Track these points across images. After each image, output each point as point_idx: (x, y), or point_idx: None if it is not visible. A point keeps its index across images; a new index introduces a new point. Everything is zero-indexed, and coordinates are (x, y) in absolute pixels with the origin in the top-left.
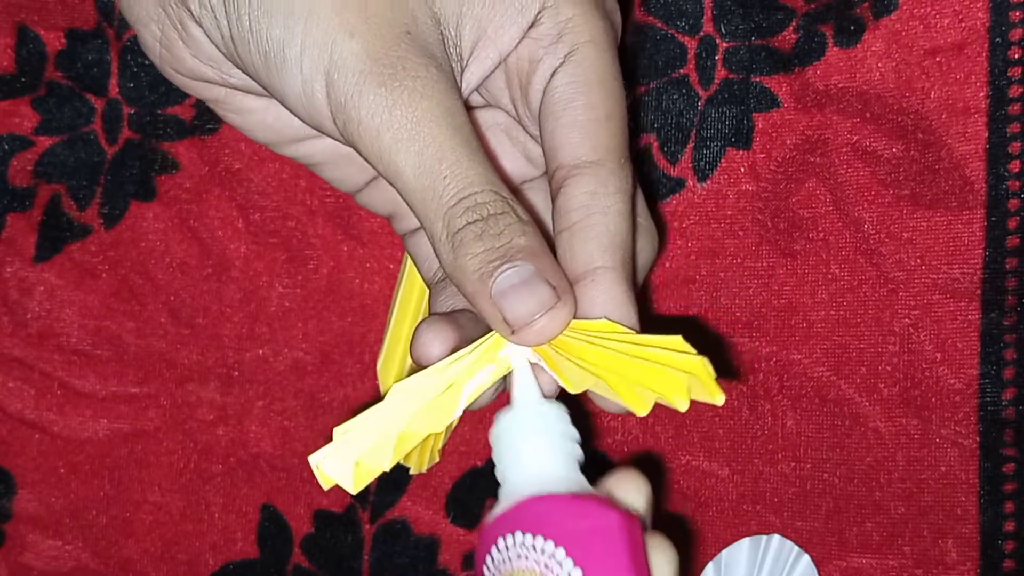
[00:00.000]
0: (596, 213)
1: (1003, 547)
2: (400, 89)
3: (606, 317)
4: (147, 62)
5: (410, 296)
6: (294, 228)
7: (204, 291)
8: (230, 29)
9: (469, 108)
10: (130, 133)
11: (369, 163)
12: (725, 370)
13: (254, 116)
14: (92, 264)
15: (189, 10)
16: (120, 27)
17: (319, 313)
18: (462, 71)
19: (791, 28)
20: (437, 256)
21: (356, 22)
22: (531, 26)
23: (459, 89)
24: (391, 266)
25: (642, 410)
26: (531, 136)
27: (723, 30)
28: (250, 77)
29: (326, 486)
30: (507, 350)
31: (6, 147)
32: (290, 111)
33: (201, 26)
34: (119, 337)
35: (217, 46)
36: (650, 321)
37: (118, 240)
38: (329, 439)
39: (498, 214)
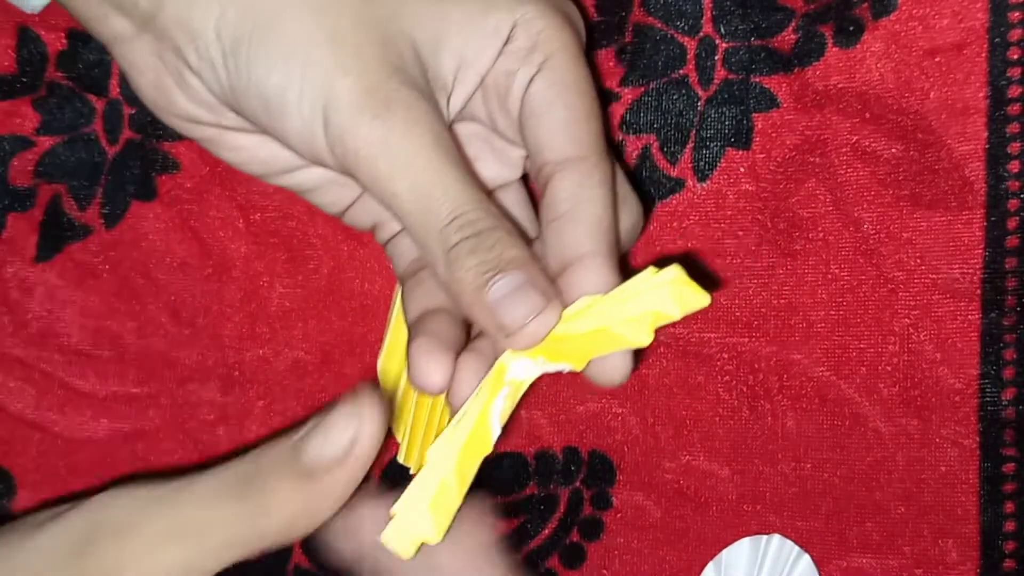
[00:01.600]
0: (583, 202)
1: (1003, 547)
2: (394, 120)
3: (585, 295)
4: None
5: None
6: (294, 228)
7: (204, 291)
8: (229, 79)
9: (451, 126)
10: (131, 133)
11: (366, 188)
12: (710, 282)
13: (247, 152)
14: (93, 264)
15: (187, 61)
16: None
17: (319, 313)
18: (448, 97)
19: (791, 28)
20: (434, 271)
21: (350, 61)
22: (505, 43)
23: (444, 116)
24: (391, 266)
25: (645, 339)
26: (508, 142)
27: (723, 30)
28: (248, 121)
29: (406, 557)
30: (513, 371)
31: (7, 147)
32: (290, 148)
33: (199, 77)
34: (119, 337)
35: (215, 95)
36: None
37: (119, 240)
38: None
39: (488, 229)
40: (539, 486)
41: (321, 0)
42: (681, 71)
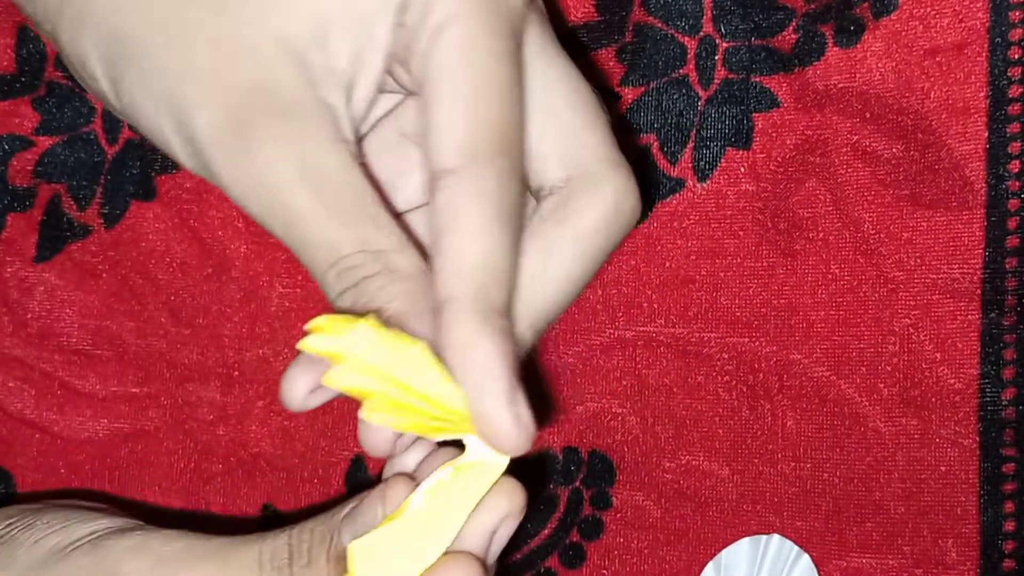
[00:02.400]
0: (447, 232)
1: (1003, 547)
2: (252, 158)
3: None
4: None
5: None
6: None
7: (204, 291)
8: (120, 105)
9: (361, 131)
10: (130, 133)
11: None
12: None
13: None
14: (92, 264)
15: (87, 84)
16: None
17: (319, 313)
18: (351, 90)
19: (791, 28)
20: None
21: (204, 95)
22: (403, 10)
23: (339, 119)
24: None
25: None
26: None
27: (723, 30)
28: None
29: None
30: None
31: (6, 147)
32: None
33: (103, 98)
34: (119, 337)
35: (118, 113)
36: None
37: (118, 240)
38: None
39: (369, 276)
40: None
41: (177, 23)
42: (681, 71)
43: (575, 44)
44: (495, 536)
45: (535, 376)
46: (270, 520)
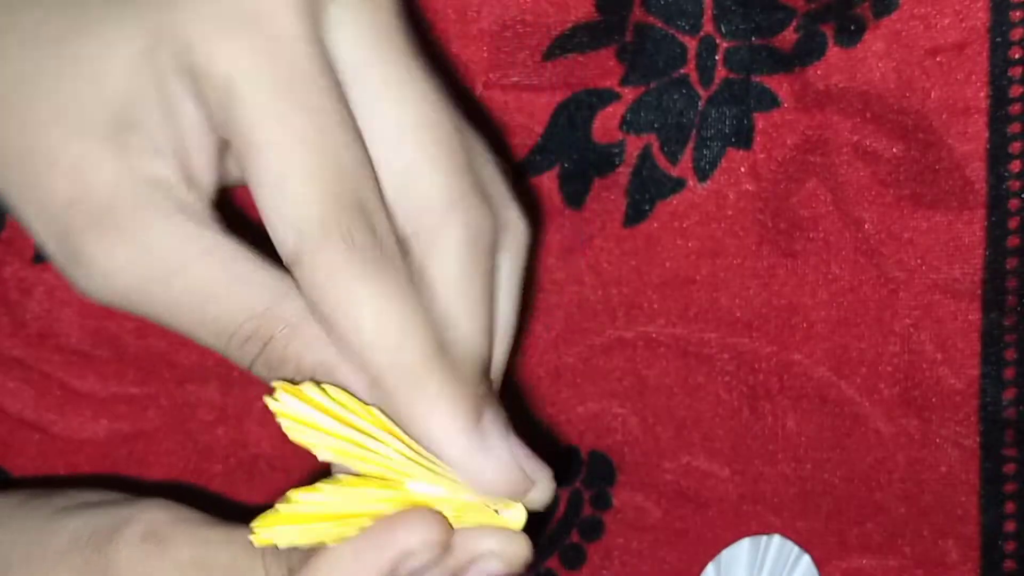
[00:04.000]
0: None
1: (1004, 547)
2: (98, 283)
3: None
4: None
5: None
6: None
7: None
8: None
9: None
10: None
11: None
12: None
13: None
14: None
15: None
16: None
17: None
18: (185, 158)
19: (791, 28)
20: None
21: (31, 219)
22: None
23: (163, 208)
24: None
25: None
26: None
27: (723, 30)
28: None
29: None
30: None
31: None
32: None
33: None
34: (119, 337)
35: None
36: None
37: None
38: None
39: (269, 340)
40: None
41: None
42: (682, 70)
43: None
44: (479, 564)
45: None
46: None
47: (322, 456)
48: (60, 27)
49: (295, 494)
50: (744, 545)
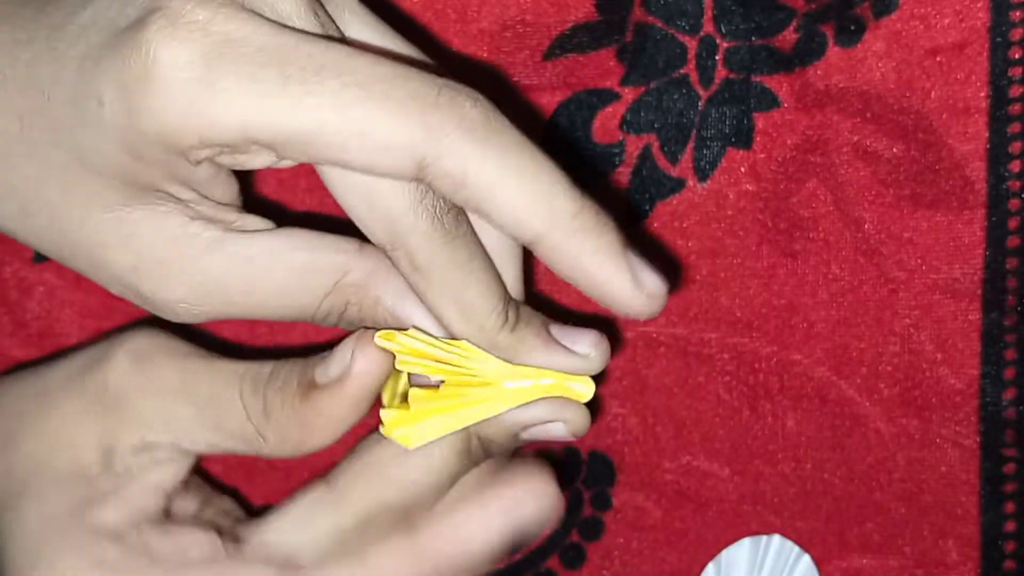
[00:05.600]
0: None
1: (1004, 547)
2: (190, 314)
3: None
4: None
5: None
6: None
7: None
8: None
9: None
10: None
11: None
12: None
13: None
14: None
15: None
16: None
17: None
18: (203, 173)
19: (791, 28)
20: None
21: (102, 276)
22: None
23: (204, 216)
24: None
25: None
26: None
27: (723, 30)
28: None
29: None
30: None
31: None
32: None
33: None
34: None
35: None
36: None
37: None
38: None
39: (344, 311)
40: None
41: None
42: (682, 70)
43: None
44: (544, 426)
45: None
46: None
47: (434, 377)
48: (45, 135)
49: (418, 393)
50: (744, 545)
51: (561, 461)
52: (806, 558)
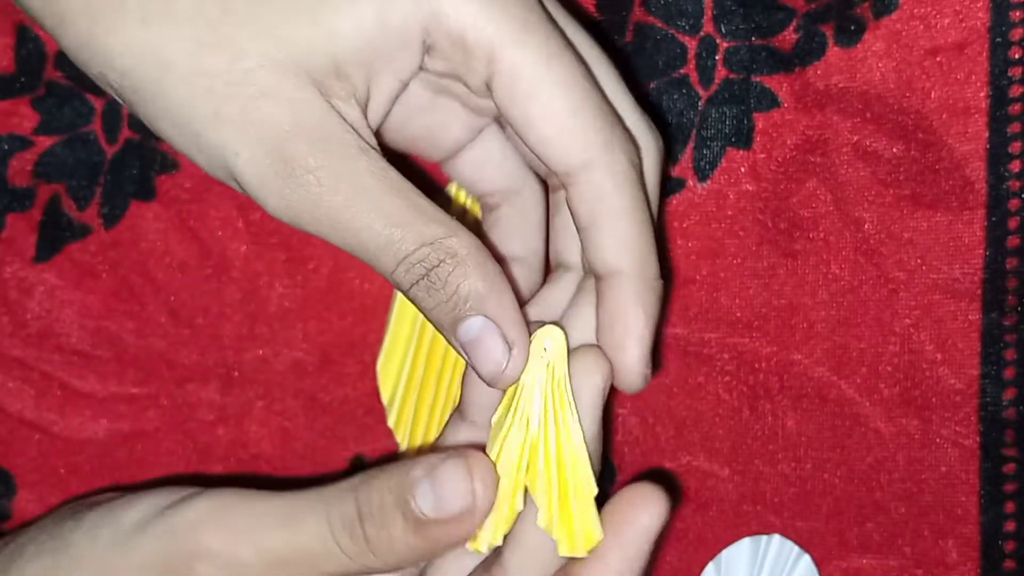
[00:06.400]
0: (603, 215)
1: (1004, 547)
2: (299, 196)
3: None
4: None
5: None
6: (294, 228)
7: (204, 291)
8: (148, 120)
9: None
10: (130, 133)
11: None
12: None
13: None
14: (92, 264)
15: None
16: None
17: (319, 313)
18: (368, 104)
19: (791, 28)
20: None
21: (234, 140)
22: (426, 51)
23: (356, 143)
24: None
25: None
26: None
27: (723, 30)
28: None
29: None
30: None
31: (6, 147)
32: None
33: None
34: (119, 337)
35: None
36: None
37: (118, 240)
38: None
39: (436, 265)
40: None
41: (192, 71)
42: (682, 70)
43: None
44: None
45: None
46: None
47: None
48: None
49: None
50: (744, 545)
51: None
52: (806, 558)
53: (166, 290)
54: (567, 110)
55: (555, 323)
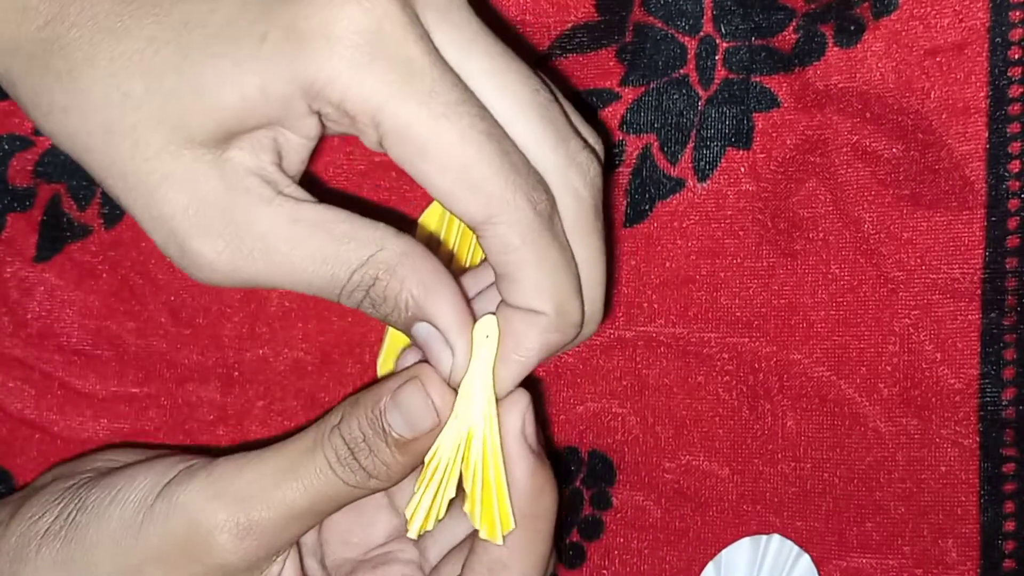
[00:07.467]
0: (512, 266)
1: (1003, 547)
2: (220, 271)
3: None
4: None
5: None
6: None
7: (204, 291)
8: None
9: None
10: None
11: None
12: None
13: None
14: (92, 264)
15: None
16: None
17: (319, 313)
18: (278, 155)
19: (791, 28)
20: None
21: (154, 232)
22: (320, 116)
23: (270, 186)
24: None
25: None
26: None
27: (723, 30)
28: None
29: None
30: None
31: (6, 147)
32: None
33: None
34: (119, 337)
35: None
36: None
37: (118, 240)
38: None
39: (372, 284)
40: None
41: (106, 154)
42: (682, 71)
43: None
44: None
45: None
46: None
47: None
48: (173, 59)
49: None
50: (744, 545)
51: (561, 461)
52: (805, 558)
53: (166, 290)
54: (459, 167)
55: (492, 313)
